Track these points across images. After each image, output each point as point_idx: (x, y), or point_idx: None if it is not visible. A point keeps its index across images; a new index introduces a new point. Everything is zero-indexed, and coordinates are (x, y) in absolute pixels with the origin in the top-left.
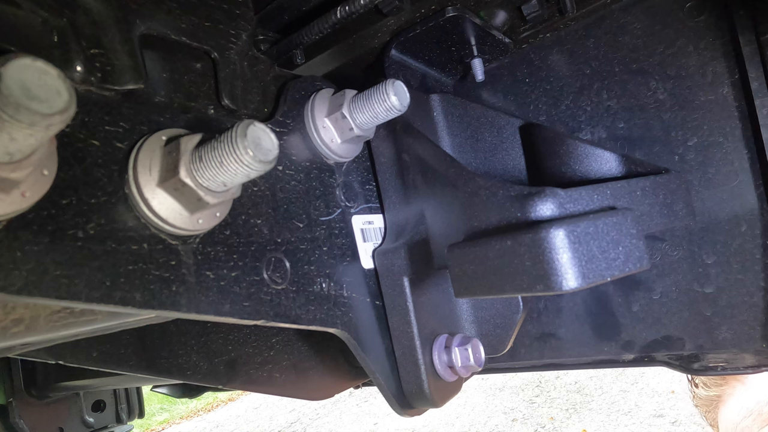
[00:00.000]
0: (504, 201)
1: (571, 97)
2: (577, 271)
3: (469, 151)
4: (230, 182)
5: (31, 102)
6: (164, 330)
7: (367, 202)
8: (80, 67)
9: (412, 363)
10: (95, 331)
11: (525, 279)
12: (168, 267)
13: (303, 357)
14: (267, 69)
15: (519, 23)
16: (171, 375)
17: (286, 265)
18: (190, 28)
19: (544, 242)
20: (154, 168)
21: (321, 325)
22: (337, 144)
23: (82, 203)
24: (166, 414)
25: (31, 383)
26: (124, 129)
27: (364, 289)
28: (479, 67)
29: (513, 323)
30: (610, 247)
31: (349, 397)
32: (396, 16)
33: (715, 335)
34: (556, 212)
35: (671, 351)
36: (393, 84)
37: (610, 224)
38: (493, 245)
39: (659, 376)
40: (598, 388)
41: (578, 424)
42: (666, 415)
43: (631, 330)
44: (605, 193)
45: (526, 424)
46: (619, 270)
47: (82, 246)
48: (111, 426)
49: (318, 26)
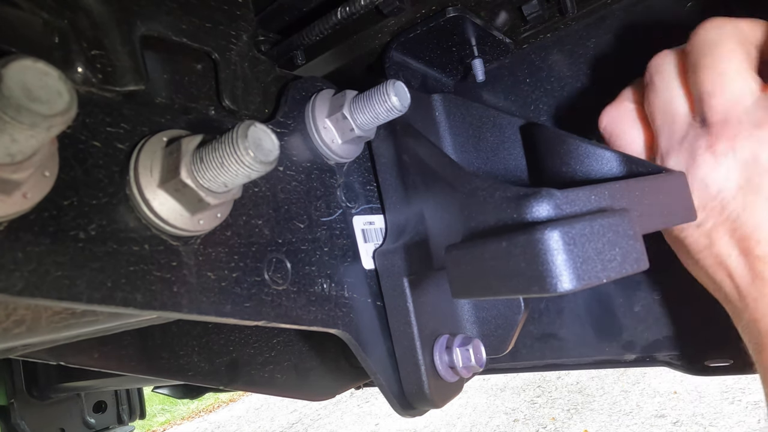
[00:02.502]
0: (501, 202)
1: (572, 97)
2: (572, 273)
3: (471, 151)
4: (231, 183)
5: (32, 103)
6: (165, 331)
7: (368, 203)
8: (81, 69)
9: (413, 363)
10: (96, 332)
11: (520, 280)
12: (169, 268)
13: (304, 358)
14: (268, 70)
15: (519, 23)
16: (172, 376)
17: (287, 265)
18: (191, 29)
19: (539, 244)
20: (155, 169)
21: (322, 325)
22: (337, 145)
23: (83, 204)
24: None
25: (32, 384)
26: (125, 130)
27: (365, 289)
28: (480, 67)
29: (514, 324)
30: (607, 249)
31: (350, 398)
32: (396, 17)
33: (717, 335)
34: (552, 213)
35: (673, 351)
36: (394, 84)
37: (607, 225)
38: (489, 246)
39: (661, 376)
40: (600, 388)
41: (580, 424)
42: (668, 415)
43: (633, 330)
44: (603, 194)
45: (527, 424)
46: (616, 271)
47: (83, 247)
48: (112, 427)
49: (318, 27)
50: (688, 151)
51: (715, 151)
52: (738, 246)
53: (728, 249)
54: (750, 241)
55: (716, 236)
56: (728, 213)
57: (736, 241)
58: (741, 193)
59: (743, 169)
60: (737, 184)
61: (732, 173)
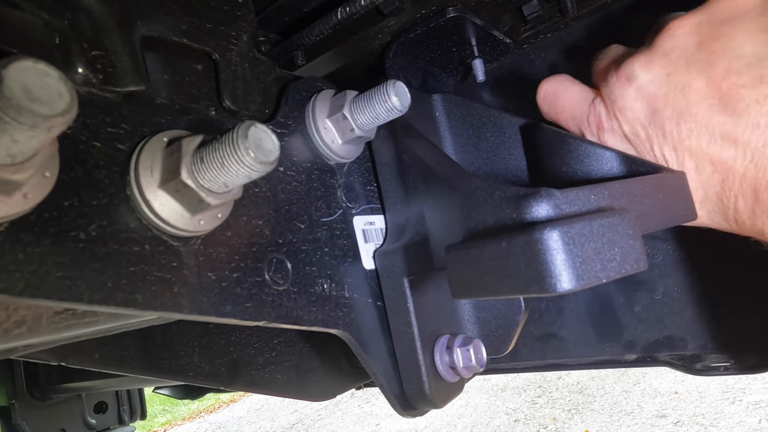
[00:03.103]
0: (500, 202)
1: None
2: (572, 273)
3: (472, 151)
4: (231, 183)
5: (32, 104)
6: (166, 331)
7: (368, 203)
8: (82, 69)
9: (413, 364)
10: (97, 333)
11: (520, 280)
12: (170, 268)
13: (305, 358)
14: (268, 70)
15: (520, 23)
16: (173, 376)
17: (288, 266)
18: (191, 29)
19: (538, 244)
20: (155, 169)
21: (323, 326)
22: (338, 145)
23: (83, 205)
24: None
25: (33, 385)
26: (126, 130)
27: (365, 289)
28: (480, 67)
29: (515, 324)
30: (606, 249)
31: (351, 398)
32: (397, 17)
33: (718, 335)
34: (551, 213)
35: (673, 351)
36: (394, 84)
37: (606, 225)
38: (488, 246)
39: (661, 376)
40: (601, 388)
41: (580, 424)
42: (669, 415)
43: (633, 330)
44: (603, 194)
45: (528, 424)
46: (615, 271)
47: (84, 247)
48: (113, 427)
49: (319, 27)
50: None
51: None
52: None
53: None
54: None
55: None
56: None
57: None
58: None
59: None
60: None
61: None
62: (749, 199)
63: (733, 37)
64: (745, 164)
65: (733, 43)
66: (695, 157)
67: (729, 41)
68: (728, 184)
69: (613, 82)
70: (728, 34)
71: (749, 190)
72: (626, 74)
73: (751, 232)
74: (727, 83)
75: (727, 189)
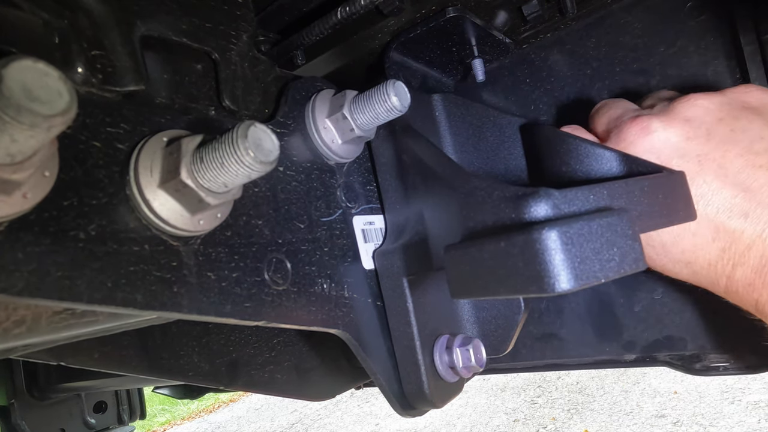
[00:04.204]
0: (499, 202)
1: (572, 97)
2: (570, 273)
3: (471, 151)
4: (231, 183)
5: (32, 103)
6: (165, 331)
7: (368, 203)
8: (81, 69)
9: (412, 363)
10: (97, 333)
11: (519, 280)
12: (169, 268)
13: (304, 358)
14: (268, 70)
15: (519, 23)
16: (172, 376)
17: (288, 266)
18: (191, 29)
19: (537, 243)
20: (155, 169)
21: (322, 325)
22: (337, 145)
23: (83, 204)
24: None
25: (32, 384)
26: (125, 130)
27: (365, 289)
28: (480, 67)
29: (514, 323)
30: (605, 249)
31: (350, 398)
32: (396, 17)
33: (717, 335)
34: (550, 213)
35: (673, 351)
36: (394, 84)
37: (605, 225)
38: (487, 246)
39: (661, 376)
40: (600, 388)
41: (580, 424)
42: (668, 415)
43: (633, 330)
44: (602, 193)
45: (527, 424)
46: (614, 271)
47: (83, 247)
48: (112, 427)
49: (318, 27)
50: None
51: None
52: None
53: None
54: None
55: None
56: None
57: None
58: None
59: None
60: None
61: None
62: (750, 272)
63: (753, 121)
64: (753, 237)
65: (753, 125)
66: (698, 221)
67: (749, 123)
68: (729, 253)
69: (626, 128)
70: (749, 117)
71: (753, 263)
72: (643, 125)
73: (741, 302)
74: (745, 160)
75: (726, 258)
